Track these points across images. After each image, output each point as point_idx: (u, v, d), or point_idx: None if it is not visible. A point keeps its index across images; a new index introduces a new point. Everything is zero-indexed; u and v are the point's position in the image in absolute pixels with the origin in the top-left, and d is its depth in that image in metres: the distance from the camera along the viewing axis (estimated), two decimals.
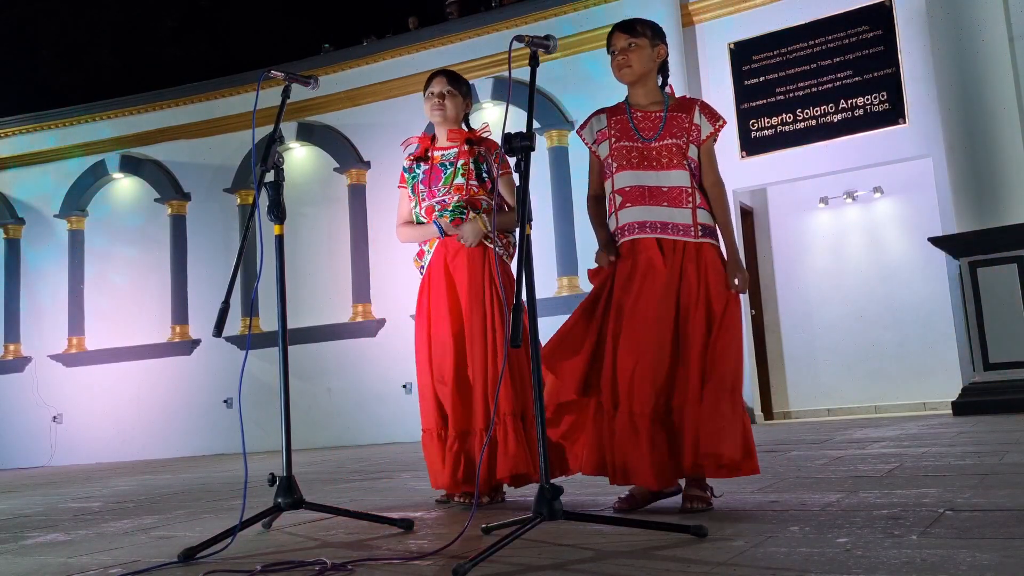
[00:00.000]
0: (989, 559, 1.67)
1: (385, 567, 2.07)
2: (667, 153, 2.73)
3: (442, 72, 3.43)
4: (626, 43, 2.79)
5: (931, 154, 7.60)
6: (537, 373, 2.20)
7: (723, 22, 8.68)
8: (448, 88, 3.35)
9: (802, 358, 9.03)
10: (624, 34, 2.80)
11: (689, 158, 2.74)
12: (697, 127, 2.75)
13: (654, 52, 2.81)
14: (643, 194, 2.72)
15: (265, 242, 3.43)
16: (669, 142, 2.73)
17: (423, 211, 3.31)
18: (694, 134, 2.75)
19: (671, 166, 2.73)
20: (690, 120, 2.75)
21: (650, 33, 2.82)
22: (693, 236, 2.69)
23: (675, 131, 2.74)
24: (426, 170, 3.34)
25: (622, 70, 2.80)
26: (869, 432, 5.44)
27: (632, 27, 2.82)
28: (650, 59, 2.80)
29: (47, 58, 15.99)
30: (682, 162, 2.73)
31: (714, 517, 2.44)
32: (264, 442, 9.08)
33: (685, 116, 2.76)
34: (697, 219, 2.71)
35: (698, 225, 2.70)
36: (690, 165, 2.74)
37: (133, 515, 3.76)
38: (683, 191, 2.72)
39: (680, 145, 2.73)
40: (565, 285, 8.85)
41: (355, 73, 10.20)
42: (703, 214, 2.73)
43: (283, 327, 2.75)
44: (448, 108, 3.34)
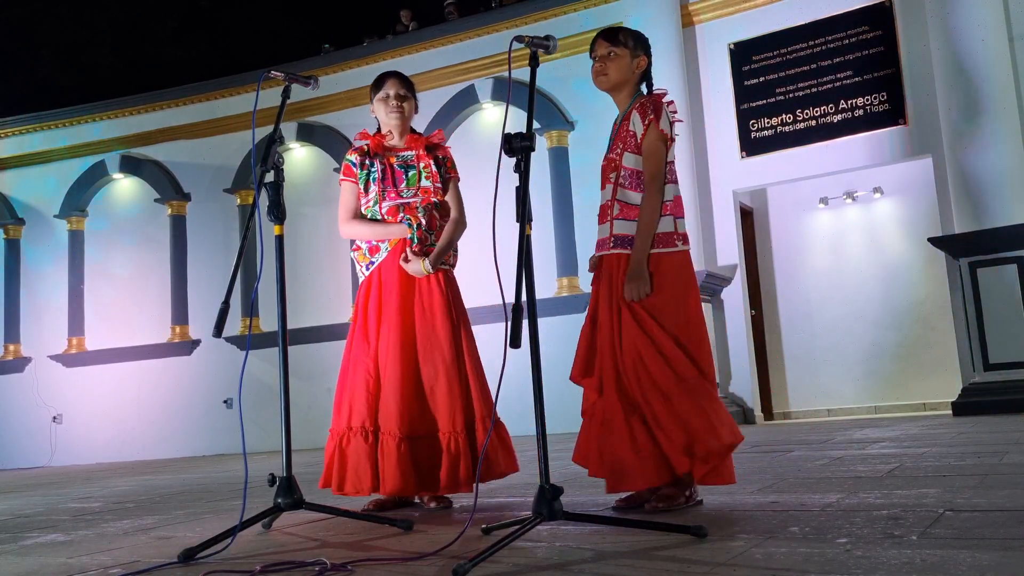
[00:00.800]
0: (989, 559, 1.67)
1: (385, 567, 2.07)
2: (606, 169, 2.81)
3: (394, 74, 3.45)
4: (606, 51, 2.80)
5: (931, 154, 7.60)
6: (537, 375, 2.20)
7: (723, 22, 8.68)
8: (403, 91, 3.38)
9: (802, 358, 9.03)
10: (606, 42, 2.81)
11: (622, 167, 2.74)
12: (632, 133, 2.74)
13: (634, 63, 2.81)
14: (599, 213, 2.85)
15: (265, 242, 3.44)
16: (610, 157, 2.80)
17: (384, 211, 3.25)
18: (630, 142, 2.74)
19: (605, 182, 2.81)
20: (626, 128, 2.76)
21: (632, 43, 2.81)
22: (607, 249, 2.76)
23: (616, 145, 2.79)
24: (383, 169, 3.29)
25: (598, 77, 2.83)
26: (869, 432, 5.44)
27: (615, 36, 2.82)
28: (628, 69, 2.80)
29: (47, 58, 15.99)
30: (610, 176, 2.78)
31: (714, 517, 2.44)
32: (264, 442, 9.09)
33: (627, 124, 2.76)
34: (613, 231, 2.75)
35: (612, 237, 2.75)
36: (618, 176, 2.75)
37: (133, 515, 3.76)
38: (606, 206, 2.79)
39: (613, 159, 2.78)
40: (565, 285, 8.85)
41: (355, 73, 10.20)
42: (620, 224, 2.73)
43: (283, 327, 2.75)
44: (405, 110, 3.38)
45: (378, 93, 3.40)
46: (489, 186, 3.30)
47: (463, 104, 9.51)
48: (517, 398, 3.54)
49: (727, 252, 8.44)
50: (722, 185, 8.54)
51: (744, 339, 8.34)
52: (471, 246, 3.51)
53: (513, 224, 2.16)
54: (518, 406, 3.68)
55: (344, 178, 3.35)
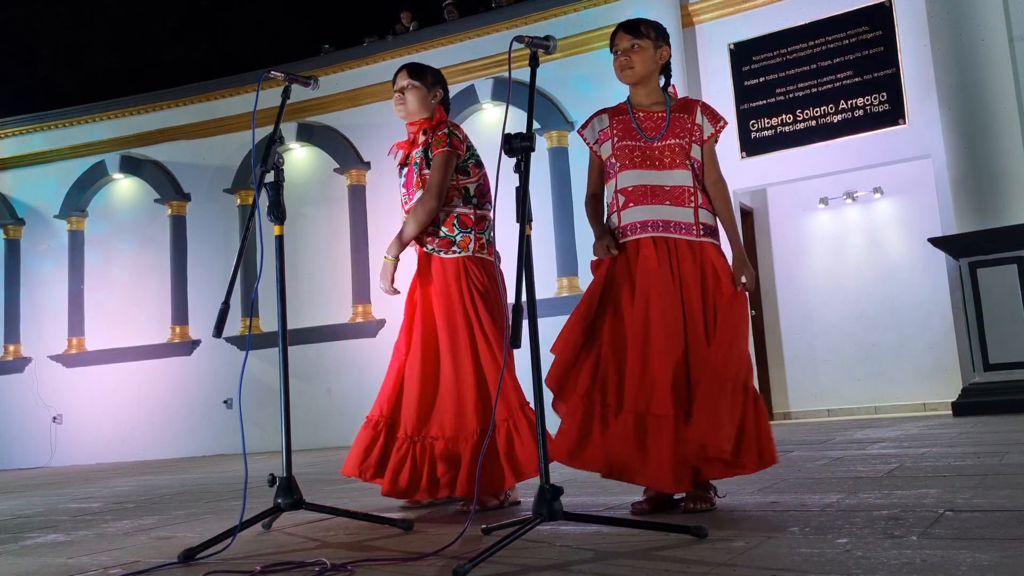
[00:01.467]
0: (989, 559, 1.67)
1: (385, 567, 2.07)
2: (670, 153, 2.73)
3: (405, 66, 3.30)
4: (629, 44, 2.79)
5: (931, 154, 7.60)
6: (537, 375, 2.20)
7: (723, 22, 8.68)
8: (409, 81, 3.22)
9: (802, 358, 9.03)
10: (628, 35, 2.80)
11: (692, 158, 2.74)
12: (699, 127, 2.76)
13: (657, 53, 2.81)
14: (646, 193, 2.72)
15: (265, 242, 3.43)
16: (672, 142, 2.73)
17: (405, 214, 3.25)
18: (696, 134, 2.75)
19: (674, 166, 2.73)
20: (692, 120, 2.76)
21: (654, 34, 2.82)
22: (695, 235, 2.70)
23: (678, 131, 2.75)
24: (406, 173, 3.27)
25: (624, 71, 2.80)
26: (869, 433, 5.44)
27: (636, 28, 2.81)
28: (653, 60, 2.80)
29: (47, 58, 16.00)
30: (685, 162, 2.73)
31: (714, 517, 2.44)
32: (264, 442, 9.09)
33: (687, 116, 2.77)
34: (699, 218, 2.71)
35: (700, 224, 2.71)
36: (693, 165, 2.74)
37: (133, 515, 3.76)
38: (686, 190, 2.72)
39: (683, 145, 2.74)
40: (565, 285, 8.85)
41: (355, 73, 10.20)
42: (705, 214, 2.74)
43: (283, 327, 2.75)
44: (409, 102, 3.22)
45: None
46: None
47: (463, 104, 9.51)
48: None
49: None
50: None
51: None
52: None
53: (513, 224, 2.16)
54: None
55: None
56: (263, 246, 3.30)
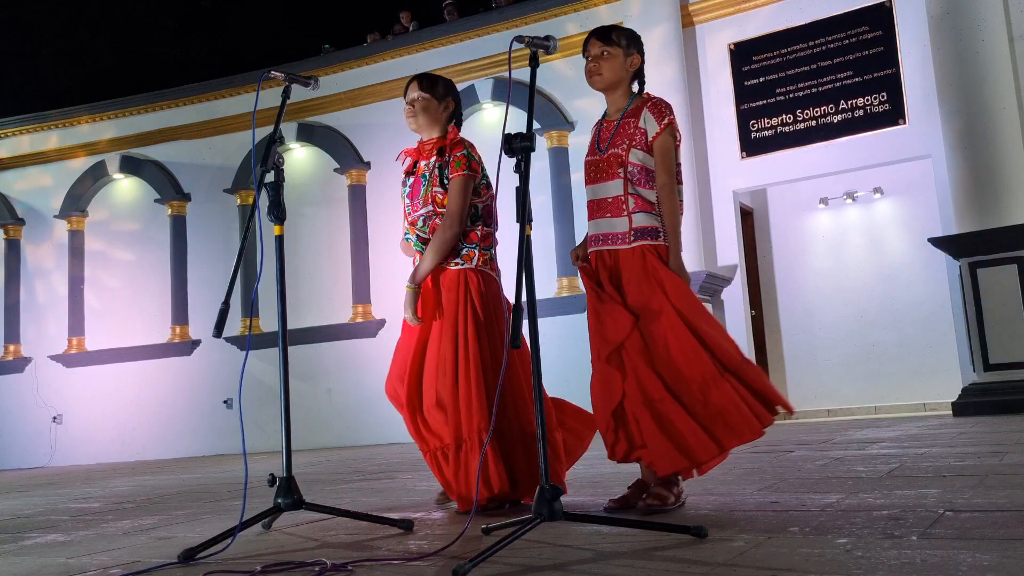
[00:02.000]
0: (989, 559, 1.67)
1: (385, 568, 2.07)
2: (608, 164, 2.78)
3: (416, 77, 3.30)
4: (599, 51, 2.81)
5: (931, 154, 7.60)
6: (537, 375, 2.20)
7: (723, 23, 8.67)
8: (420, 93, 3.22)
9: (802, 358, 9.03)
10: (599, 41, 2.82)
11: (629, 163, 2.73)
12: (643, 131, 2.74)
13: (627, 61, 2.82)
14: (594, 207, 2.82)
15: (265, 242, 3.44)
16: (612, 152, 2.77)
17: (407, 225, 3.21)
18: (638, 139, 2.74)
19: (611, 176, 2.77)
20: (636, 125, 2.76)
21: (625, 42, 2.83)
22: (627, 243, 2.73)
23: (619, 140, 2.77)
24: (412, 183, 3.24)
25: (592, 77, 2.83)
26: (869, 433, 5.44)
27: (608, 35, 2.83)
28: (622, 68, 2.81)
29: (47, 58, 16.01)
30: (618, 171, 2.75)
31: (714, 517, 2.44)
32: (264, 443, 9.10)
33: (634, 120, 2.77)
34: (632, 224, 2.72)
35: (632, 230, 2.72)
36: (627, 171, 2.74)
37: (133, 516, 3.76)
38: (619, 200, 2.75)
39: (619, 153, 2.75)
40: (565, 286, 8.85)
41: (355, 74, 10.21)
42: (641, 217, 2.72)
43: (283, 328, 2.75)
44: (420, 115, 3.22)
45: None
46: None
47: (463, 104, 9.50)
48: None
49: (727, 252, 8.44)
50: (722, 185, 8.54)
51: (744, 339, 8.33)
52: None
53: (513, 224, 2.16)
54: None
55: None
56: (263, 246, 3.30)
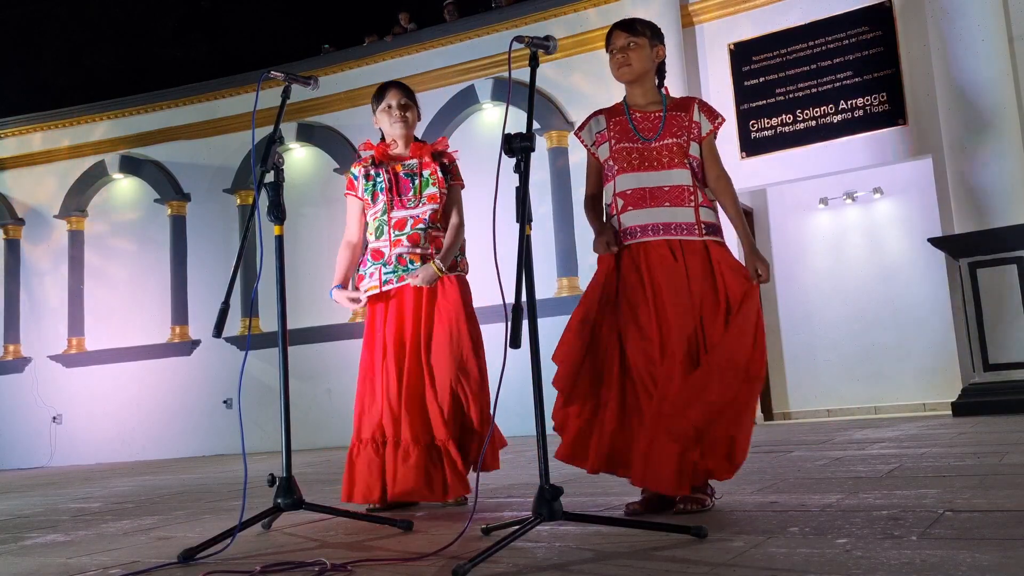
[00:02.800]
0: (989, 560, 1.67)
1: (385, 568, 2.07)
2: (668, 153, 2.71)
3: (395, 84, 3.47)
4: (626, 42, 2.78)
5: (931, 154, 7.60)
6: (537, 375, 2.20)
7: (723, 22, 8.67)
8: (404, 100, 3.40)
9: (802, 358, 9.03)
10: (624, 32, 2.79)
11: (690, 156, 2.73)
12: (697, 124, 2.75)
13: (653, 52, 2.81)
14: (644, 196, 2.69)
15: (265, 242, 3.44)
16: (670, 141, 2.72)
17: (392, 222, 3.33)
18: (694, 131, 2.74)
19: (672, 165, 2.71)
20: (689, 118, 2.75)
21: (649, 33, 2.82)
22: (698, 235, 2.67)
23: (675, 130, 2.73)
24: (389, 179, 3.35)
25: (621, 69, 2.78)
26: (869, 433, 5.44)
27: (632, 26, 2.81)
28: (649, 59, 2.80)
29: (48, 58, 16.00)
30: (683, 160, 2.71)
31: (714, 517, 2.44)
32: (264, 443, 9.09)
33: (684, 115, 2.75)
34: (700, 217, 2.69)
35: (701, 224, 2.69)
36: (691, 163, 2.73)
37: (133, 516, 3.76)
38: (685, 190, 2.70)
39: (681, 144, 2.72)
40: (565, 286, 8.85)
41: (355, 74, 10.21)
42: (706, 212, 2.72)
43: (283, 328, 2.75)
44: (409, 119, 3.40)
45: (380, 104, 3.44)
46: (489, 187, 3.30)
47: (463, 104, 9.51)
48: (517, 399, 3.54)
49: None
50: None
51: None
52: (471, 247, 3.50)
53: (513, 224, 2.16)
54: (518, 407, 3.68)
55: (347, 192, 3.48)
56: (263, 246, 3.31)
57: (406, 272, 3.28)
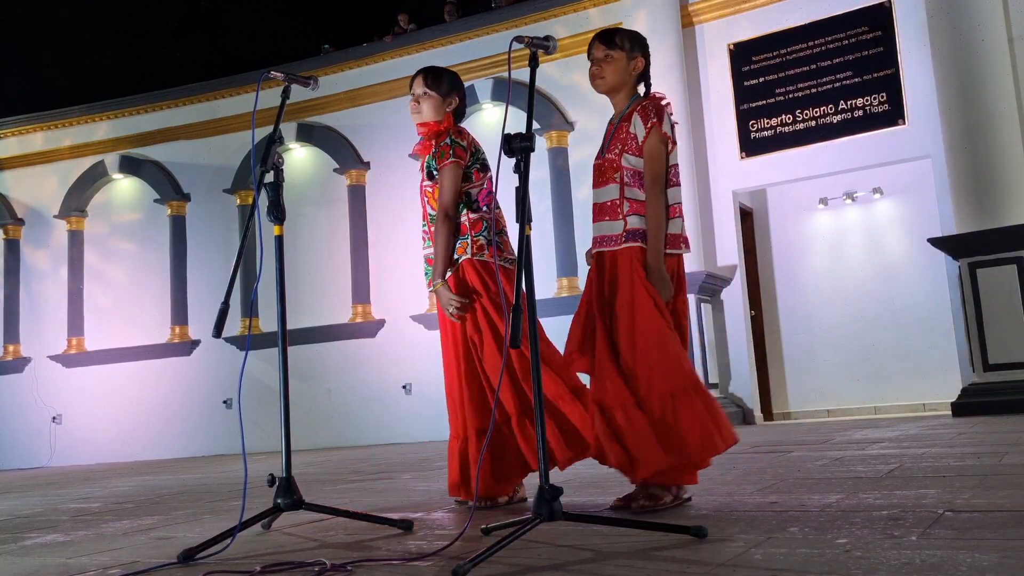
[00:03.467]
0: (989, 560, 1.67)
1: (384, 568, 2.07)
2: (605, 169, 2.78)
3: (422, 71, 3.28)
4: (603, 54, 2.80)
5: (931, 154, 7.60)
6: (537, 374, 2.20)
7: (723, 23, 8.68)
8: (424, 89, 3.20)
9: (802, 358, 9.03)
10: (602, 45, 2.80)
11: (623, 168, 2.73)
12: (633, 135, 2.73)
13: (631, 65, 2.80)
14: (595, 211, 2.80)
15: (265, 243, 3.44)
16: (609, 157, 2.77)
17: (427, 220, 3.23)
18: (630, 143, 2.73)
19: (607, 181, 2.77)
20: (627, 130, 2.75)
21: (628, 45, 2.81)
22: (616, 244, 2.72)
23: (614, 145, 2.77)
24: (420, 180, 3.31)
25: (595, 81, 2.83)
26: (869, 433, 5.44)
27: (611, 38, 2.81)
28: (625, 71, 2.80)
29: (48, 59, 16.01)
30: (614, 176, 2.75)
31: (714, 517, 2.44)
32: (264, 443, 9.09)
33: (627, 125, 2.76)
34: (627, 226, 2.71)
35: (625, 232, 2.71)
36: (621, 176, 2.74)
37: (133, 516, 3.76)
38: (614, 204, 2.74)
39: (613, 159, 2.76)
40: (565, 286, 8.85)
41: (355, 74, 10.21)
42: (634, 220, 2.71)
43: (283, 328, 2.75)
44: (424, 111, 3.20)
45: None
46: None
47: None
48: None
49: (727, 252, 8.44)
50: (722, 186, 8.54)
51: (744, 339, 8.34)
52: None
53: (513, 224, 2.16)
54: None
55: None
56: (263, 246, 3.30)
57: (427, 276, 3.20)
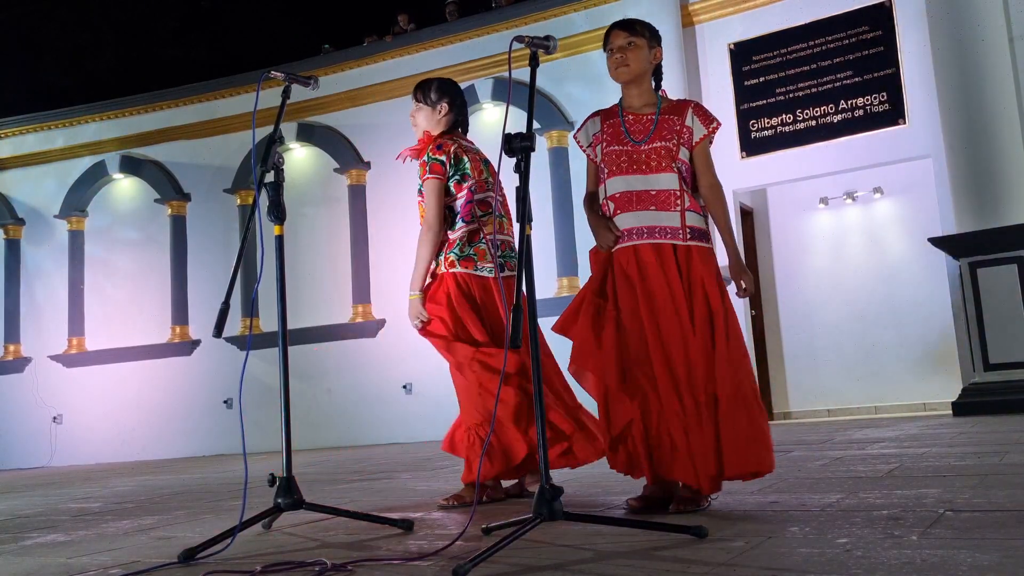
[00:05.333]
0: (989, 559, 1.67)
1: (385, 568, 2.07)
2: (656, 156, 2.69)
3: (417, 86, 3.45)
4: (625, 42, 2.76)
5: (931, 154, 7.60)
6: (537, 375, 2.20)
7: (723, 22, 8.67)
8: (416, 104, 3.40)
9: (802, 358, 9.02)
10: (624, 32, 2.78)
11: (679, 160, 2.70)
12: (689, 129, 2.71)
13: (651, 54, 2.79)
14: (631, 199, 2.69)
15: (265, 242, 3.43)
16: (659, 145, 2.70)
17: None
18: (685, 136, 2.71)
19: (660, 169, 2.69)
20: (682, 123, 2.72)
21: (648, 34, 2.80)
22: (681, 239, 2.66)
23: (665, 134, 2.71)
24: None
25: (619, 69, 2.76)
26: (869, 432, 5.44)
27: (632, 26, 2.79)
28: (647, 60, 2.78)
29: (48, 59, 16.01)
30: (671, 165, 2.69)
31: (714, 517, 2.44)
32: (264, 443, 9.07)
33: (677, 119, 2.73)
34: (686, 222, 2.67)
35: (686, 228, 2.67)
36: (680, 168, 2.70)
37: (133, 515, 3.76)
38: (671, 194, 2.68)
39: (670, 147, 2.70)
40: (565, 285, 8.85)
41: (355, 73, 10.20)
42: (692, 217, 2.69)
43: (283, 328, 2.75)
44: (419, 123, 3.39)
45: None
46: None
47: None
48: None
49: None
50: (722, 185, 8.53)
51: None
52: None
53: (513, 225, 2.16)
54: None
55: None
56: (263, 246, 3.31)
57: None
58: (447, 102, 3.37)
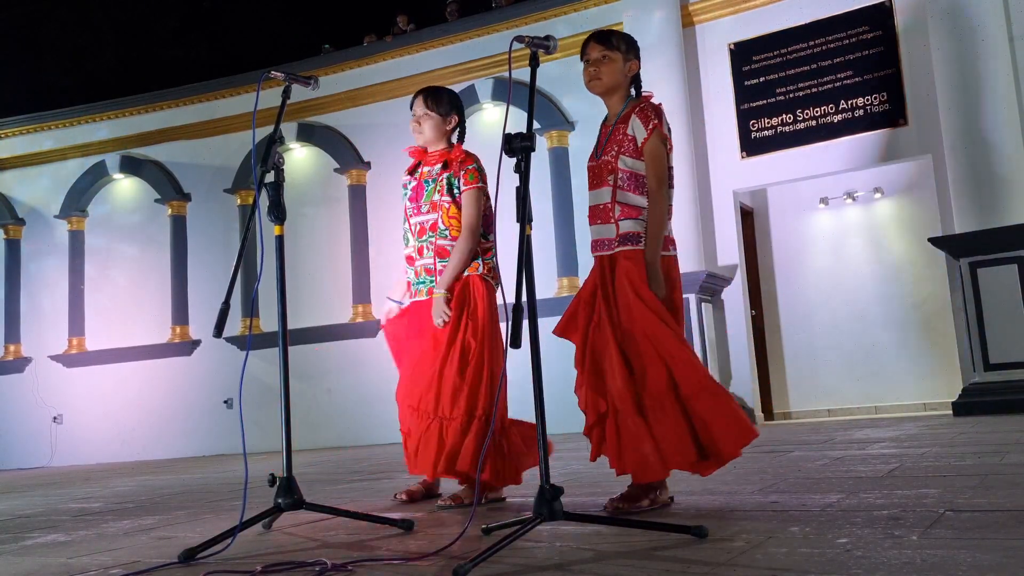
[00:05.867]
0: (989, 559, 1.67)
1: (385, 568, 2.07)
2: (600, 171, 2.78)
3: (422, 92, 3.47)
4: (600, 55, 2.80)
5: (931, 154, 7.60)
6: (537, 375, 2.20)
7: (723, 22, 8.67)
8: (425, 110, 3.39)
9: (802, 358, 9.03)
10: (600, 45, 2.81)
11: (619, 170, 2.73)
12: (631, 137, 2.73)
13: (626, 67, 2.81)
14: (590, 213, 2.81)
15: (265, 242, 3.44)
16: (604, 159, 2.78)
17: (413, 226, 3.39)
18: (627, 146, 2.73)
19: (601, 184, 2.77)
20: (625, 132, 2.75)
21: (624, 47, 2.82)
22: (610, 248, 2.73)
23: (610, 147, 2.77)
24: (414, 186, 3.42)
25: (592, 81, 2.82)
26: (869, 433, 5.44)
27: (608, 39, 2.82)
28: (621, 73, 2.80)
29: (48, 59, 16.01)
30: (607, 178, 2.75)
31: (714, 517, 2.44)
32: (264, 443, 9.08)
33: (624, 127, 2.76)
34: (619, 230, 2.72)
35: (618, 236, 2.72)
36: (615, 179, 2.73)
37: (133, 516, 3.76)
38: (606, 207, 2.75)
39: (610, 161, 2.75)
40: (565, 285, 8.85)
41: (355, 74, 10.20)
42: (627, 224, 2.71)
43: (283, 328, 2.75)
44: (426, 131, 3.40)
45: None
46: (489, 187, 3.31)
47: (463, 105, 9.51)
48: (518, 398, 3.54)
49: (727, 252, 8.44)
50: (722, 185, 8.53)
51: (744, 339, 8.33)
52: None
53: (513, 224, 2.16)
54: (519, 406, 3.68)
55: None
56: (263, 246, 3.31)
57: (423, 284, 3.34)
58: (456, 115, 3.47)
